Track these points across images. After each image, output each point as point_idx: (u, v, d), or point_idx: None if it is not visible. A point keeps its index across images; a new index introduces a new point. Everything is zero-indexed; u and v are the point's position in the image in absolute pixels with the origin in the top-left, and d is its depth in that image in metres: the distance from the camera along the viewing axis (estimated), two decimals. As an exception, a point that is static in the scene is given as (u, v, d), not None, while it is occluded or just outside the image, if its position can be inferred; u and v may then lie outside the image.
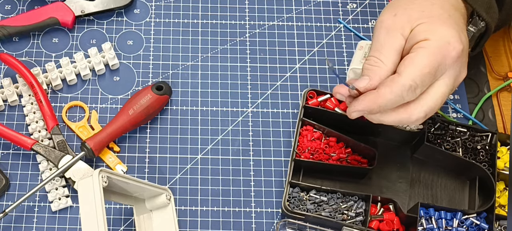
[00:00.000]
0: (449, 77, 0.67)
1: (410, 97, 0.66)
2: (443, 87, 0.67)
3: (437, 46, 0.66)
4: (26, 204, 0.76)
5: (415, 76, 0.64)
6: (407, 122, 0.68)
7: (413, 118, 0.67)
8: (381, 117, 0.68)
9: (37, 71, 0.82)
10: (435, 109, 0.68)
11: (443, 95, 0.67)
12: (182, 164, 0.79)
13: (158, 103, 0.80)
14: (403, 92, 0.65)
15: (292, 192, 0.75)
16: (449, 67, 0.67)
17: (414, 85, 0.65)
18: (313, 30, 0.88)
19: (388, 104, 0.66)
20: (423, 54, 0.65)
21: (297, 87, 0.84)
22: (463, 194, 0.79)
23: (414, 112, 0.67)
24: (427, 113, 0.67)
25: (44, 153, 0.76)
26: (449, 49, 0.66)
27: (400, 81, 0.65)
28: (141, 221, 0.74)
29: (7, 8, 0.88)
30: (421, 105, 0.67)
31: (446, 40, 0.66)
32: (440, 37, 0.66)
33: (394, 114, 0.67)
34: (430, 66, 0.65)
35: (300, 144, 0.77)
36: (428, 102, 0.67)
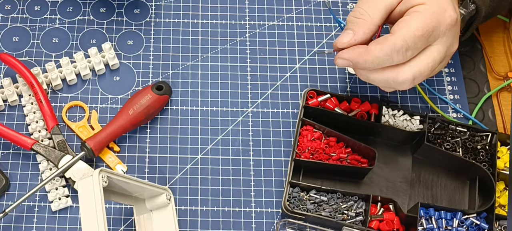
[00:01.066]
0: (441, 45, 0.66)
1: (400, 59, 0.65)
2: (435, 53, 0.66)
3: (433, 11, 0.65)
4: (26, 204, 0.76)
5: (408, 37, 0.64)
6: (394, 83, 0.66)
7: (400, 78, 0.66)
8: (369, 74, 0.67)
9: (37, 71, 0.82)
10: (423, 74, 0.66)
11: (434, 61, 0.66)
12: (182, 164, 0.79)
13: (158, 103, 0.80)
14: (393, 52, 0.64)
15: (292, 192, 0.75)
16: (442, 35, 0.66)
17: (406, 46, 0.64)
18: (313, 30, 0.88)
19: (375, 62, 0.65)
20: (418, 18, 0.65)
21: (297, 87, 0.84)
22: (463, 194, 0.79)
23: (402, 73, 0.66)
24: (415, 76, 0.66)
25: (44, 153, 0.76)
26: (445, 16, 0.65)
27: (391, 40, 0.64)
28: (141, 221, 0.74)
29: (7, 8, 0.88)
30: (410, 66, 0.66)
31: (443, 7, 0.65)
32: (436, 3, 0.65)
33: (381, 73, 0.66)
34: (423, 29, 0.64)
35: (300, 144, 0.77)
36: (418, 64, 0.66)
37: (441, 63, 0.68)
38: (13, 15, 0.88)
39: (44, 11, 0.88)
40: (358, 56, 0.65)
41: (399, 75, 0.66)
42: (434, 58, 0.66)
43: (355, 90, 0.84)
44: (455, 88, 0.85)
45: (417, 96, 0.84)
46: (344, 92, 0.84)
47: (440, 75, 0.86)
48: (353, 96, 0.80)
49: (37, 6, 0.89)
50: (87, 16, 0.88)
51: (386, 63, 0.65)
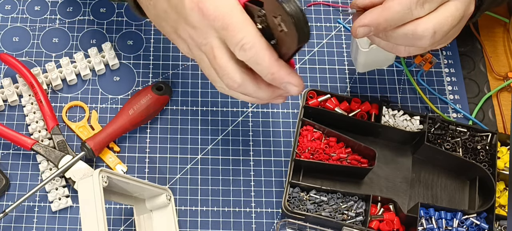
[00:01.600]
0: (460, 2, 0.65)
1: (419, 12, 0.63)
2: (453, 8, 0.65)
3: None
4: (26, 204, 0.76)
5: None
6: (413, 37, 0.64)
7: (419, 29, 0.64)
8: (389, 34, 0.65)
9: (37, 71, 0.82)
10: (443, 28, 0.64)
11: (453, 16, 0.64)
12: (182, 164, 0.79)
13: (158, 103, 0.80)
14: (412, 4, 0.62)
15: (292, 192, 0.75)
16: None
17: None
18: (313, 30, 0.88)
19: (395, 18, 0.63)
20: None
21: (297, 87, 0.84)
22: (463, 194, 0.79)
23: (421, 24, 0.64)
24: (435, 29, 0.64)
25: (44, 153, 0.76)
26: None
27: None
28: (141, 221, 0.74)
29: (7, 8, 0.88)
30: (430, 19, 0.64)
31: None
32: None
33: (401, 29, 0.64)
34: None
35: (300, 144, 0.77)
36: (437, 17, 0.64)
37: (459, 24, 0.66)
38: (13, 15, 0.88)
39: (44, 11, 0.88)
40: (378, 16, 0.63)
41: (418, 27, 0.64)
42: (452, 13, 0.64)
43: (355, 90, 0.84)
44: (455, 89, 0.85)
45: (417, 96, 0.84)
46: (344, 92, 0.84)
47: (440, 75, 0.86)
48: (353, 97, 0.80)
49: (37, 6, 0.89)
50: (87, 16, 0.88)
51: (406, 18, 0.64)
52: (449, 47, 0.88)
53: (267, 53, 0.58)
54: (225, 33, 0.59)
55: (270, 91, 0.62)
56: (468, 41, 0.89)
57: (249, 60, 0.59)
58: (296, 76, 0.60)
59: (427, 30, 0.64)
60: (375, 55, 0.76)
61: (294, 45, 0.57)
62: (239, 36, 0.58)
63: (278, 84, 0.60)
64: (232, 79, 0.61)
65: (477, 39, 0.89)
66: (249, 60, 0.59)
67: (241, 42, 0.58)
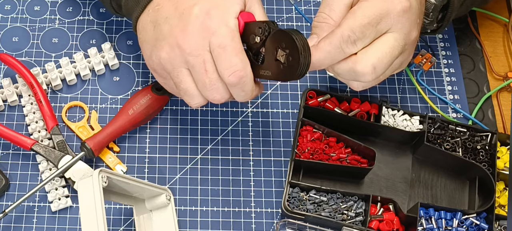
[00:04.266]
0: (398, 33, 0.65)
1: (351, 49, 0.64)
2: (392, 41, 0.65)
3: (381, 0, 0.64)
4: (26, 204, 0.76)
5: (354, 27, 0.63)
6: (354, 74, 0.65)
7: (358, 67, 0.64)
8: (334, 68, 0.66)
9: (37, 71, 0.82)
10: (383, 62, 0.65)
11: (392, 49, 0.65)
12: (182, 164, 0.79)
13: (158, 103, 0.80)
14: (342, 43, 0.63)
15: (292, 192, 0.75)
16: (395, 22, 0.64)
17: (353, 36, 0.63)
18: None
19: (327, 57, 0.64)
20: (364, 6, 0.64)
21: (297, 87, 0.84)
22: (463, 194, 0.79)
23: (360, 62, 0.64)
24: (375, 65, 0.64)
25: (44, 153, 0.76)
26: (395, 3, 0.64)
27: (338, 32, 0.63)
28: (141, 221, 0.74)
29: (7, 8, 0.88)
30: (367, 55, 0.64)
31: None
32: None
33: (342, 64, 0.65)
34: (370, 17, 0.63)
35: (300, 144, 0.77)
36: (375, 53, 0.64)
37: (403, 53, 0.67)
38: (13, 15, 0.88)
39: (44, 11, 0.88)
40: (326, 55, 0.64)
41: (357, 65, 0.65)
42: (391, 45, 0.65)
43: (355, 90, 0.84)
44: (455, 88, 0.85)
45: (417, 96, 0.84)
46: (344, 92, 0.84)
47: (439, 75, 0.86)
48: (353, 97, 0.80)
49: (37, 6, 0.89)
50: (87, 16, 0.88)
51: (339, 57, 0.64)
52: (448, 47, 0.88)
53: (252, 82, 0.64)
54: (220, 52, 0.62)
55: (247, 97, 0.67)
56: (468, 41, 0.89)
57: (235, 85, 0.63)
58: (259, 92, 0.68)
59: (366, 67, 0.65)
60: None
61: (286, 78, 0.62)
62: (234, 60, 0.62)
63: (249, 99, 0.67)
64: (221, 95, 0.65)
65: (477, 39, 0.89)
66: (235, 85, 0.63)
67: (233, 68, 0.62)
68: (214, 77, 0.64)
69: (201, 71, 0.64)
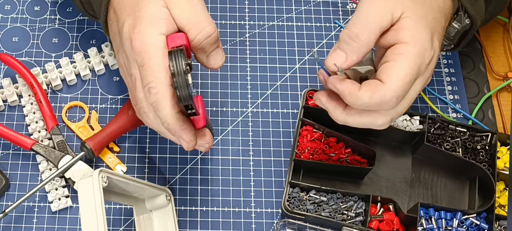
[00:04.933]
0: (419, 83, 0.65)
1: (387, 108, 0.63)
2: (412, 94, 0.65)
3: (417, 52, 0.62)
4: (26, 204, 0.76)
5: (398, 88, 0.61)
6: (372, 126, 0.65)
7: (378, 122, 0.64)
8: (346, 117, 0.65)
9: (37, 71, 0.82)
10: (400, 115, 0.65)
11: (411, 101, 0.65)
12: (182, 164, 0.79)
13: (158, 103, 0.80)
14: (383, 103, 0.62)
15: (292, 192, 0.75)
16: (422, 74, 0.64)
17: (396, 96, 0.61)
18: (313, 30, 0.88)
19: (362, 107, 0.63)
20: (404, 63, 0.62)
21: (297, 87, 0.84)
22: (463, 194, 0.79)
23: (381, 117, 0.64)
24: (393, 118, 0.65)
25: (44, 153, 0.76)
26: (425, 56, 0.63)
27: (382, 90, 0.61)
28: (141, 221, 0.74)
29: (7, 8, 0.88)
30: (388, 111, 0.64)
31: (424, 46, 0.63)
32: (419, 42, 0.63)
33: (360, 117, 0.64)
34: (411, 75, 0.62)
35: (300, 144, 0.77)
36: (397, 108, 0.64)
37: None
38: (13, 15, 0.88)
39: (44, 11, 0.88)
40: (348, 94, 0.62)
41: (378, 120, 0.64)
42: (411, 98, 0.65)
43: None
44: (455, 89, 0.85)
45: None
46: (344, 92, 0.84)
47: (440, 76, 0.86)
48: (353, 97, 0.80)
49: (37, 6, 0.89)
50: (87, 16, 0.88)
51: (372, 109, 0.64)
52: (449, 47, 0.88)
53: (167, 102, 0.61)
54: (141, 70, 0.62)
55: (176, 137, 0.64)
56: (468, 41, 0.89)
57: (152, 104, 0.62)
58: (188, 134, 0.63)
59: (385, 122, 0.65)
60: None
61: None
62: (149, 78, 0.61)
63: (173, 134, 0.63)
64: (146, 114, 0.64)
65: (477, 39, 0.89)
66: (152, 104, 0.62)
67: (149, 85, 0.61)
68: (140, 97, 0.63)
69: (133, 88, 0.64)
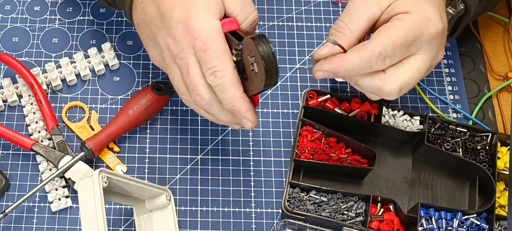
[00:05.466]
0: (426, 55, 0.66)
1: (379, 66, 0.64)
2: (420, 63, 0.66)
3: (417, 20, 0.64)
4: (26, 204, 0.76)
5: (387, 45, 0.63)
6: (380, 92, 0.66)
7: (386, 88, 0.65)
8: (357, 79, 0.67)
9: (37, 71, 0.82)
10: (410, 84, 0.66)
11: (419, 71, 0.66)
12: (182, 164, 0.79)
13: (158, 103, 0.80)
14: (371, 59, 0.63)
15: (292, 192, 0.75)
16: (426, 44, 0.65)
17: (384, 53, 0.63)
18: (313, 30, 0.88)
19: (355, 70, 0.64)
20: (400, 25, 0.64)
21: (297, 88, 0.84)
22: (463, 194, 0.79)
23: (388, 82, 0.65)
24: (401, 87, 0.66)
25: (44, 153, 0.76)
26: (429, 25, 0.64)
27: (370, 47, 0.63)
28: (141, 221, 0.74)
29: (7, 8, 0.88)
30: (396, 77, 0.65)
31: (427, 15, 0.65)
32: (421, 12, 0.64)
33: (369, 80, 0.66)
34: (404, 37, 0.63)
35: (300, 144, 0.77)
36: (403, 75, 0.65)
37: (426, 72, 0.68)
38: (13, 15, 0.88)
39: (44, 11, 0.88)
40: (337, 66, 0.65)
41: (385, 85, 0.66)
42: (419, 68, 0.66)
43: (355, 90, 0.84)
44: (455, 89, 0.85)
45: (417, 96, 0.84)
46: (344, 92, 0.84)
47: (440, 76, 0.86)
48: (353, 97, 0.80)
49: (37, 6, 0.89)
50: (87, 16, 0.88)
51: (366, 70, 0.65)
52: (449, 47, 0.88)
53: (234, 85, 0.62)
54: (202, 55, 0.62)
55: (231, 117, 0.65)
56: (468, 41, 0.89)
57: (217, 87, 0.62)
58: (253, 114, 0.64)
59: (394, 89, 0.66)
60: None
61: (260, 87, 0.61)
62: (214, 62, 0.62)
63: (235, 115, 0.64)
64: (201, 97, 0.64)
65: (477, 39, 0.89)
66: (217, 87, 0.62)
67: (214, 68, 0.62)
68: (195, 80, 0.63)
69: (184, 73, 0.64)
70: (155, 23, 0.66)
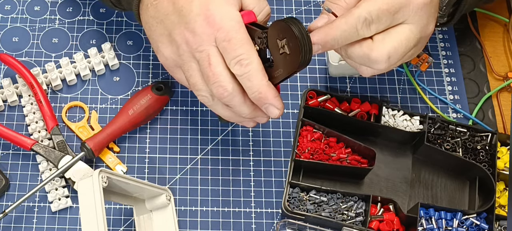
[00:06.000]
0: (415, 25, 0.65)
1: (365, 32, 0.64)
2: (407, 32, 0.65)
3: None
4: (26, 204, 0.76)
5: (372, 10, 0.63)
6: (368, 60, 0.65)
7: (373, 54, 0.64)
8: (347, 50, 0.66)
9: (37, 71, 0.82)
10: (398, 52, 0.65)
11: (408, 40, 0.65)
12: (182, 164, 0.79)
13: (158, 103, 0.80)
14: (357, 24, 0.63)
15: (292, 192, 0.75)
16: (414, 14, 0.64)
17: (369, 19, 0.63)
18: (313, 30, 0.88)
19: (342, 36, 0.64)
20: None
21: (297, 87, 0.84)
22: (463, 194, 0.79)
23: (376, 49, 0.64)
24: (390, 55, 0.65)
25: (44, 153, 0.76)
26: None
27: (355, 13, 0.63)
28: (141, 221, 0.74)
29: (7, 8, 0.88)
30: (383, 44, 0.64)
31: None
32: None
33: (357, 48, 0.65)
34: (389, 3, 0.63)
35: (300, 144, 0.77)
36: (391, 42, 0.64)
37: (417, 45, 0.67)
38: (13, 15, 0.88)
39: (44, 11, 0.88)
40: (325, 36, 0.64)
41: (372, 52, 0.65)
42: (407, 36, 0.65)
43: (355, 90, 0.84)
44: (455, 89, 0.85)
45: (417, 96, 0.84)
46: (344, 92, 0.84)
47: (440, 76, 0.86)
48: (353, 97, 0.80)
49: (37, 6, 0.89)
50: (87, 16, 0.88)
51: (353, 37, 0.64)
52: (448, 47, 0.88)
53: (260, 72, 0.63)
54: (226, 45, 0.63)
55: (253, 109, 0.66)
56: (468, 41, 0.89)
57: (242, 76, 0.63)
58: (280, 101, 0.64)
59: (381, 55, 0.65)
60: (344, 68, 0.82)
61: (293, 67, 0.62)
62: (239, 51, 0.62)
63: (262, 103, 0.64)
64: (224, 88, 0.64)
65: (477, 39, 0.89)
66: (242, 76, 0.63)
67: (239, 57, 0.62)
68: (217, 71, 0.64)
69: (205, 65, 0.64)
70: (170, 19, 0.66)
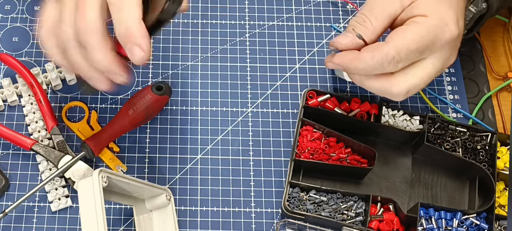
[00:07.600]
0: (438, 59, 0.65)
1: (391, 68, 0.64)
2: (430, 68, 0.65)
3: (433, 25, 0.64)
4: (26, 204, 0.76)
5: (401, 49, 0.63)
6: (388, 93, 0.66)
7: (394, 90, 0.65)
8: (363, 80, 0.66)
9: (36, 71, 0.82)
10: (418, 88, 0.66)
11: (429, 76, 0.66)
12: (182, 164, 0.79)
13: (158, 103, 0.80)
14: (384, 61, 0.63)
15: (292, 192, 0.75)
16: (440, 49, 0.65)
17: (398, 58, 0.63)
18: (313, 30, 0.88)
19: (366, 70, 0.64)
20: (415, 30, 0.63)
21: (297, 87, 0.84)
22: (463, 194, 0.79)
23: (396, 85, 0.65)
24: (409, 90, 0.65)
25: (44, 153, 0.76)
26: (445, 31, 0.64)
27: (384, 49, 0.63)
28: (141, 221, 0.74)
29: (7, 8, 0.88)
30: (404, 80, 0.65)
31: (444, 21, 0.64)
32: (438, 16, 0.64)
33: (376, 81, 0.66)
34: (419, 43, 0.63)
35: (300, 144, 0.77)
36: (413, 79, 0.65)
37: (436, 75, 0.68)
38: (13, 15, 0.88)
39: (44, 11, 0.88)
40: (348, 62, 0.65)
41: (393, 88, 0.65)
42: (429, 73, 0.65)
43: (355, 90, 0.84)
44: (455, 89, 0.85)
45: (417, 96, 0.84)
46: (344, 92, 0.84)
47: (440, 76, 0.86)
48: (353, 96, 0.80)
49: (37, 6, 0.88)
50: (87, 16, 0.88)
51: (377, 71, 0.65)
52: (449, 47, 0.88)
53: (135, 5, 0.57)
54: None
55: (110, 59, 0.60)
56: (468, 41, 0.89)
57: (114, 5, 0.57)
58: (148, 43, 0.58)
59: (401, 91, 0.66)
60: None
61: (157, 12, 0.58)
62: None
63: (128, 41, 0.58)
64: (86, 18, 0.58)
65: (477, 39, 0.89)
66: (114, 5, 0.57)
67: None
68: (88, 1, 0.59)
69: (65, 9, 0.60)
70: None
